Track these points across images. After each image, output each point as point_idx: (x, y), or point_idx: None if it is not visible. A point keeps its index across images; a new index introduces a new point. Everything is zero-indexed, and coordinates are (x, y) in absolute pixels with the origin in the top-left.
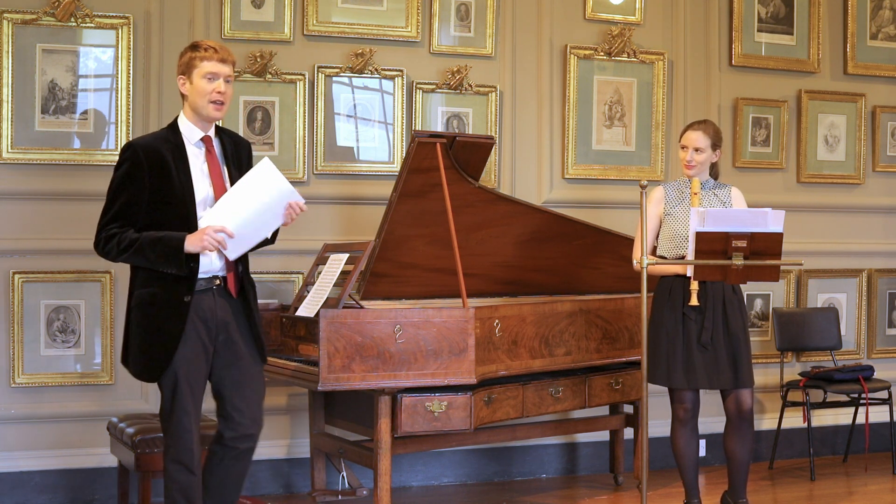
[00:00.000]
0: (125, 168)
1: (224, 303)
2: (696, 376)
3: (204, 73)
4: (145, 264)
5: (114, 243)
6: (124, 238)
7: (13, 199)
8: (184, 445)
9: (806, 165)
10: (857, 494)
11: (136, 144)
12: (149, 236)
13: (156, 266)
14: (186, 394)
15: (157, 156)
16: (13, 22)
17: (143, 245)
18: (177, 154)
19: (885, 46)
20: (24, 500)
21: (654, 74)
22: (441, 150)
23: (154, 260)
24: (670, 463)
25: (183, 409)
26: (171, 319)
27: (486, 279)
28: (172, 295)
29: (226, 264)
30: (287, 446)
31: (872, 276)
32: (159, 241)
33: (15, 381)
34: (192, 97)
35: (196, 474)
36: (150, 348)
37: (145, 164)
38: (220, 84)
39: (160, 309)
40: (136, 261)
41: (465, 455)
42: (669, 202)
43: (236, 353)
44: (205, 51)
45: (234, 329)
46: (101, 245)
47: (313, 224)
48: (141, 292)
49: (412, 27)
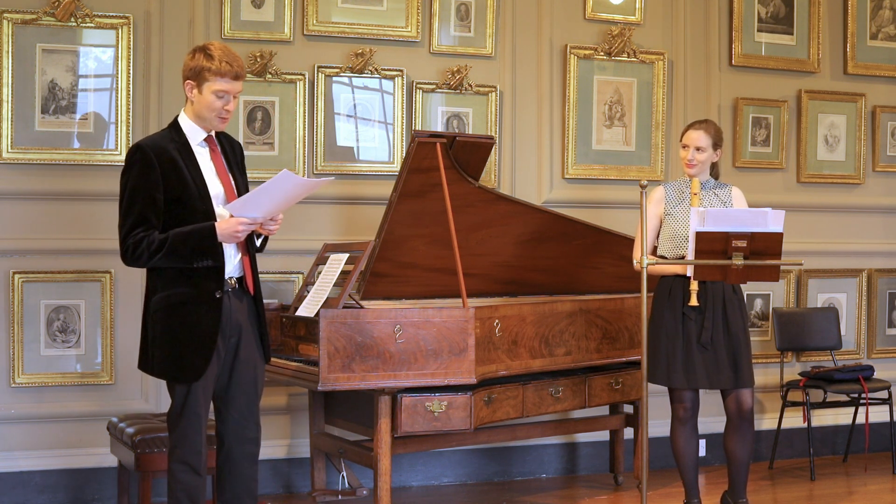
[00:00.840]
0: (137, 170)
1: (238, 304)
2: (696, 376)
3: (215, 90)
4: (180, 262)
5: (143, 247)
6: (153, 240)
7: (13, 199)
8: (192, 447)
9: (806, 165)
10: (857, 494)
11: (144, 145)
12: (178, 233)
13: (190, 261)
14: (200, 395)
15: (166, 155)
16: (13, 22)
17: (175, 242)
18: (185, 153)
19: (885, 46)
20: (24, 500)
21: (654, 74)
22: (441, 150)
23: (188, 255)
24: (670, 463)
25: (195, 411)
26: (206, 317)
27: (486, 279)
28: (203, 292)
29: (242, 263)
30: (287, 446)
31: (872, 276)
32: (191, 235)
33: (15, 381)
34: (199, 107)
35: (202, 476)
36: (185, 349)
37: (156, 164)
38: (231, 103)
39: (193, 307)
40: (169, 261)
41: (465, 455)
42: (670, 202)
43: (244, 355)
44: (220, 64)
45: (247, 330)
46: (129, 253)
47: (313, 224)
48: (169, 294)
49: (412, 27)
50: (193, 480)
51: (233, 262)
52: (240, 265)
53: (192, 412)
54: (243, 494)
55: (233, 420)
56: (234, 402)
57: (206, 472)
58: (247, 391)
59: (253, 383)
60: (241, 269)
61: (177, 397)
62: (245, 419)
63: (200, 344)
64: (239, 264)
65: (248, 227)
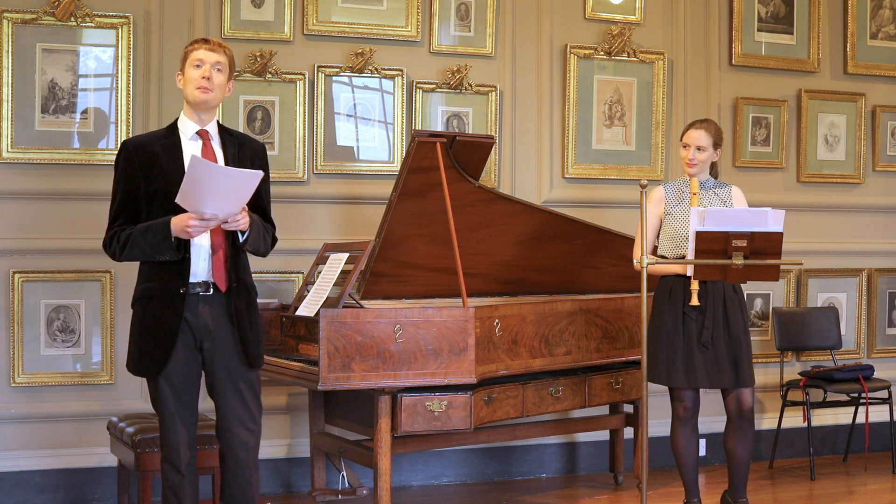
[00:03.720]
0: (119, 167)
1: (208, 310)
2: (697, 376)
3: (192, 62)
4: (142, 256)
5: (115, 242)
6: (123, 235)
7: (13, 199)
8: (170, 445)
9: (806, 165)
10: (856, 494)
11: (128, 142)
12: (139, 227)
13: (151, 255)
14: (167, 394)
15: (146, 150)
16: (13, 21)
17: (136, 236)
18: (169, 147)
19: (885, 46)
20: (24, 500)
21: (654, 74)
22: (441, 150)
23: (147, 249)
24: (670, 462)
25: (165, 409)
26: (169, 312)
27: (486, 279)
28: (168, 288)
29: (211, 263)
30: (287, 446)
31: (872, 275)
32: (148, 229)
33: (15, 381)
34: (186, 88)
35: (184, 474)
36: (146, 344)
37: (136, 159)
38: (207, 69)
39: (158, 302)
40: (134, 254)
41: (465, 454)
42: (669, 202)
43: (222, 361)
44: (195, 42)
45: (219, 335)
46: (107, 246)
47: (313, 224)
48: (141, 288)
49: (412, 27)
50: (175, 478)
51: (200, 261)
52: (208, 266)
53: (164, 409)
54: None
55: (223, 422)
56: (222, 405)
57: (189, 470)
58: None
59: (234, 389)
60: (209, 271)
61: (151, 394)
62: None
63: (161, 338)
64: (207, 265)
65: (201, 222)
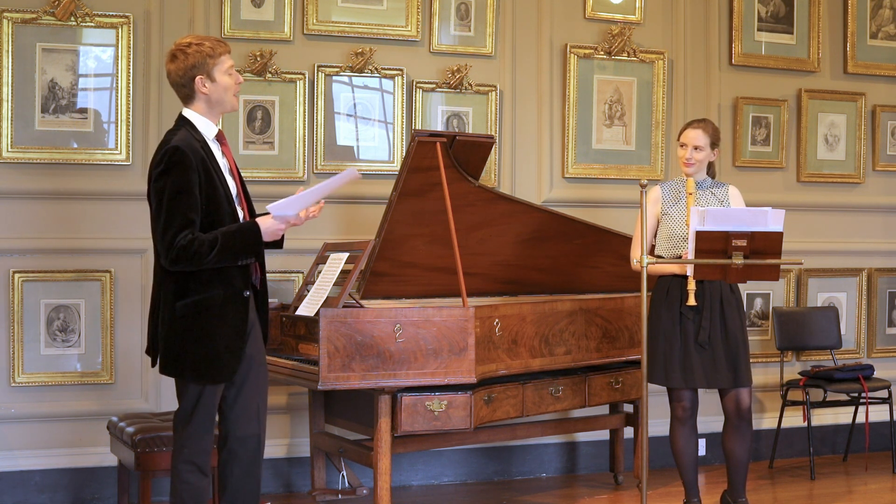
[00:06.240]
0: (178, 171)
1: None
2: (694, 376)
3: (226, 69)
4: (227, 260)
5: (195, 248)
6: (203, 241)
7: (13, 199)
8: (201, 447)
9: (806, 165)
10: (856, 494)
11: (183, 147)
12: (226, 232)
13: (237, 258)
14: (215, 395)
15: (198, 155)
16: (13, 21)
17: (226, 241)
18: (208, 152)
19: (885, 46)
20: (24, 500)
21: (654, 74)
22: (441, 150)
23: (238, 253)
24: (670, 462)
25: (207, 413)
26: (237, 317)
27: (486, 278)
28: (235, 293)
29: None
30: (287, 445)
31: (872, 275)
32: (238, 234)
33: (15, 381)
34: (216, 93)
35: (208, 475)
36: (220, 350)
37: (195, 165)
38: (239, 76)
39: (225, 308)
40: (222, 258)
41: (465, 454)
42: (666, 202)
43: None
44: (215, 45)
45: (255, 326)
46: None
47: (313, 223)
48: (203, 296)
49: (412, 26)
50: (199, 481)
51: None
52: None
53: (206, 412)
54: (246, 494)
55: (239, 418)
56: (243, 399)
57: (210, 471)
58: (258, 387)
59: (264, 378)
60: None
61: (189, 397)
62: (250, 417)
63: (233, 344)
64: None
65: (288, 226)
